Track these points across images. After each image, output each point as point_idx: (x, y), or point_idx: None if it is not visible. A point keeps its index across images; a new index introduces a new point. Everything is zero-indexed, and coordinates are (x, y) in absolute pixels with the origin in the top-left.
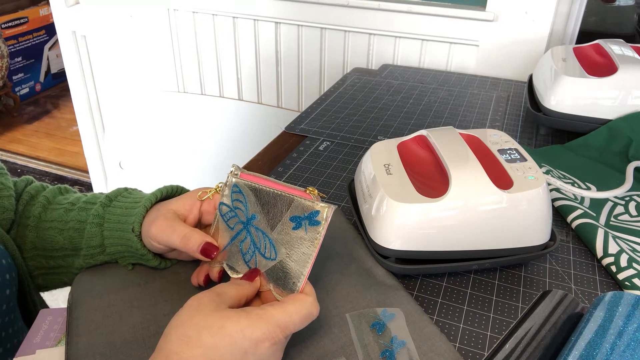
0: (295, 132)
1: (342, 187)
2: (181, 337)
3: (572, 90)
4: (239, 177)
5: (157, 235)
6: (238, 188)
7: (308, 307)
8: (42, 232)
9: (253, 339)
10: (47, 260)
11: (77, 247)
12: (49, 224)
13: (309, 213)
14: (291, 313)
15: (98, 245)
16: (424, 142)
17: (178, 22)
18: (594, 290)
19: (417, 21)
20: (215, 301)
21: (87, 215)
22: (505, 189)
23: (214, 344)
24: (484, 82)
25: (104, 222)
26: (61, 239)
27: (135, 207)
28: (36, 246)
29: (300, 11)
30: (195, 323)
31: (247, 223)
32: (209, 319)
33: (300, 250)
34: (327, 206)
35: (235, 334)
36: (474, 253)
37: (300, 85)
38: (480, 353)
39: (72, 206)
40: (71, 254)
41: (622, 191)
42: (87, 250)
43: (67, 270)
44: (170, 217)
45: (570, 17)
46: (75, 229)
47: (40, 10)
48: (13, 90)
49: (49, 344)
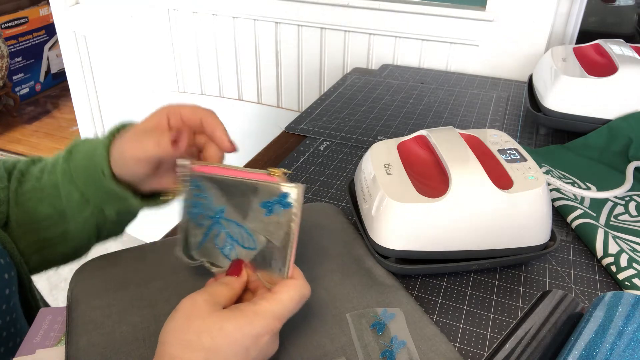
0: (295, 132)
1: (342, 187)
2: (180, 341)
3: (572, 90)
4: (192, 170)
5: (131, 151)
6: (196, 182)
7: (300, 290)
8: (23, 206)
9: (253, 335)
10: (37, 234)
11: (61, 212)
12: (28, 195)
13: (278, 196)
14: (285, 302)
15: (79, 199)
16: (424, 142)
17: (178, 22)
18: (594, 290)
19: (417, 21)
20: (209, 302)
21: (56, 177)
22: (505, 189)
23: (215, 347)
24: (484, 82)
25: (73, 176)
26: (43, 207)
27: (97, 150)
28: (19, 222)
29: (300, 11)
30: (194, 327)
31: (216, 217)
32: (207, 322)
33: (279, 235)
34: (294, 186)
35: (235, 334)
36: (474, 253)
37: (300, 85)
38: (480, 353)
39: (42, 173)
40: (59, 220)
41: (622, 191)
42: (70, 209)
43: (62, 240)
44: (138, 132)
45: (570, 17)
46: (53, 194)
47: (40, 10)
48: (13, 90)
49: (49, 344)
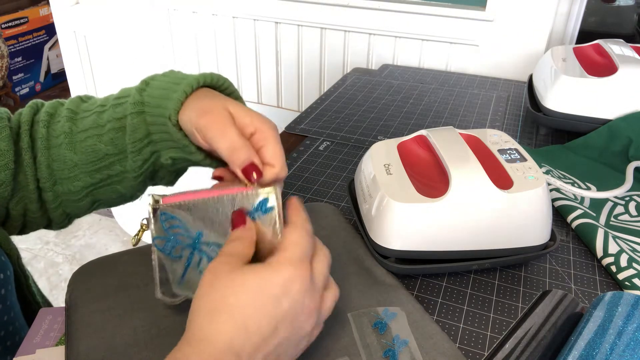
0: (295, 132)
1: (342, 187)
2: (207, 309)
3: (572, 90)
4: (161, 204)
5: (204, 129)
6: (167, 214)
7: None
8: (79, 145)
9: (280, 283)
10: (92, 176)
11: (122, 149)
12: (84, 134)
13: (257, 204)
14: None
15: (144, 136)
16: (424, 142)
17: (178, 22)
18: (594, 290)
19: (416, 21)
20: (227, 262)
21: (124, 109)
22: (505, 189)
23: (240, 303)
24: (484, 82)
25: (144, 109)
26: (102, 145)
27: (175, 90)
28: (77, 163)
29: (300, 11)
30: (218, 290)
31: (194, 244)
32: (228, 282)
33: (267, 239)
34: (270, 190)
35: (260, 285)
36: (474, 253)
37: (300, 85)
38: (480, 353)
39: (103, 108)
40: (117, 159)
41: (622, 191)
42: (132, 146)
43: (121, 178)
44: (225, 116)
45: (570, 17)
46: (115, 128)
47: (40, 10)
48: (13, 90)
49: (49, 344)
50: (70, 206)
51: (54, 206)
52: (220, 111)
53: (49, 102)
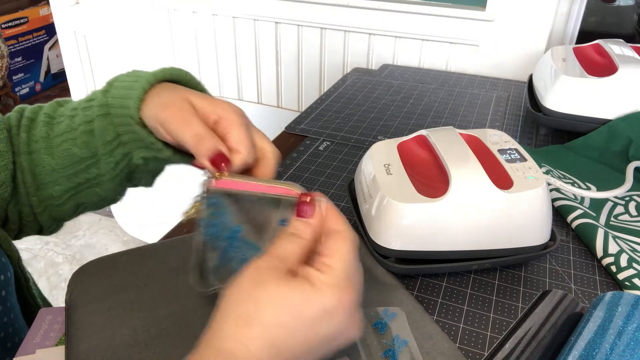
0: (295, 132)
1: (342, 187)
2: (237, 314)
3: (572, 90)
4: (214, 185)
5: (166, 122)
6: (214, 199)
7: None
8: (56, 149)
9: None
10: (71, 180)
11: (94, 152)
12: (59, 138)
13: None
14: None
15: (113, 138)
16: (424, 142)
17: (178, 22)
18: (594, 290)
19: (416, 21)
20: (277, 269)
21: (92, 112)
22: (505, 189)
23: (274, 322)
24: (484, 82)
25: (110, 110)
26: (77, 149)
27: (135, 88)
28: (54, 168)
29: (300, 11)
30: (254, 297)
31: (232, 237)
32: (269, 291)
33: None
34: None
35: (301, 308)
36: (474, 253)
37: (300, 85)
38: (480, 353)
39: (75, 111)
40: (92, 162)
41: (622, 191)
42: (103, 148)
43: (98, 181)
44: (186, 108)
45: (570, 17)
46: (87, 132)
47: (40, 10)
48: (13, 90)
49: (49, 344)
50: (55, 210)
51: (40, 210)
52: (181, 103)
53: (31, 106)
